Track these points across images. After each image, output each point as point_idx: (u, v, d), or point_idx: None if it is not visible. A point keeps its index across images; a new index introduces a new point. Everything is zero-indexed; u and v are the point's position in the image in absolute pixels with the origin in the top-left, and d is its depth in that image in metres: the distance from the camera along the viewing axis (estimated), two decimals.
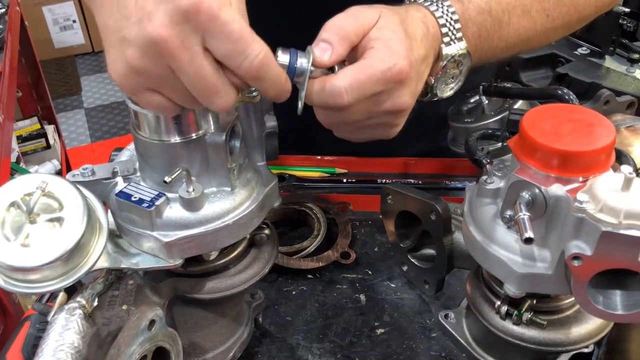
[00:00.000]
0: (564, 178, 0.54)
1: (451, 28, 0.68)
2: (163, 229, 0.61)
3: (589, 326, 0.64)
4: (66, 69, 4.41)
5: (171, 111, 0.57)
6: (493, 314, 0.66)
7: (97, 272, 0.63)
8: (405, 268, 0.90)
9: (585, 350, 0.69)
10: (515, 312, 0.64)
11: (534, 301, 0.64)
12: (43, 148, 2.75)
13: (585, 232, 0.51)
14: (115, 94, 4.15)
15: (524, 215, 0.54)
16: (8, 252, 0.54)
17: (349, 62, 0.62)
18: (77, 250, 0.56)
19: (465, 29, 0.69)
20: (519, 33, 0.74)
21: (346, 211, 1.04)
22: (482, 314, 0.67)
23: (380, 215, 0.89)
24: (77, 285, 0.61)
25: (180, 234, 0.61)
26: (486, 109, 0.86)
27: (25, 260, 0.54)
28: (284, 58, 0.58)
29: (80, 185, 0.60)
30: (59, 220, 0.57)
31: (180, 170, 0.60)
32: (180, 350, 0.63)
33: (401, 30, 0.62)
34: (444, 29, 0.67)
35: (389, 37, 0.61)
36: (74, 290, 0.61)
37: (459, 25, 0.68)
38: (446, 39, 0.67)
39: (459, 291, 0.90)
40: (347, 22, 0.61)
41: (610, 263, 0.51)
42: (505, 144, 0.73)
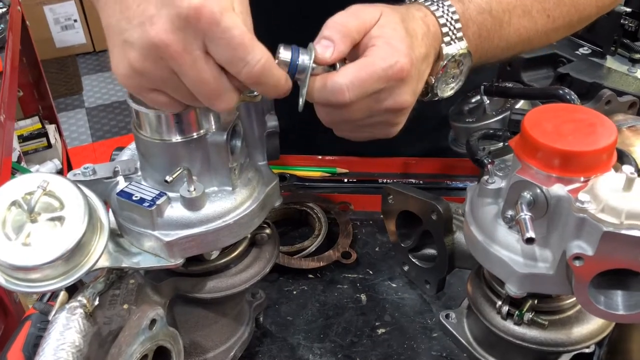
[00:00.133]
0: (565, 178, 0.54)
1: (452, 28, 0.67)
2: (164, 228, 0.61)
3: (590, 326, 0.64)
4: (67, 69, 4.41)
5: (175, 109, 0.57)
6: (494, 314, 0.66)
7: (98, 272, 0.63)
8: (406, 268, 0.90)
9: (587, 350, 0.68)
10: (517, 312, 0.64)
11: (535, 301, 0.64)
12: (44, 147, 2.75)
13: (586, 232, 0.51)
14: (116, 93, 4.15)
15: (525, 215, 0.54)
16: (9, 251, 0.54)
17: (350, 60, 0.62)
18: (78, 250, 0.56)
19: (465, 29, 0.69)
20: (519, 33, 0.74)
21: (347, 211, 1.04)
22: (483, 314, 0.67)
23: (381, 215, 0.89)
24: (78, 285, 0.61)
25: (181, 233, 0.61)
26: (487, 109, 0.86)
27: (26, 259, 0.54)
28: (285, 55, 0.58)
29: (81, 184, 0.60)
30: (60, 219, 0.57)
31: (182, 169, 0.60)
32: (181, 350, 0.63)
33: (402, 28, 0.62)
34: (445, 29, 0.67)
35: (391, 35, 0.61)
36: (75, 289, 0.61)
37: (459, 25, 0.68)
38: (447, 39, 0.67)
39: (460, 291, 0.90)
40: (349, 20, 0.61)
41: (612, 263, 0.51)
42: (506, 144, 0.73)
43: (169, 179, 0.59)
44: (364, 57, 0.61)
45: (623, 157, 0.59)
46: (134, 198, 0.61)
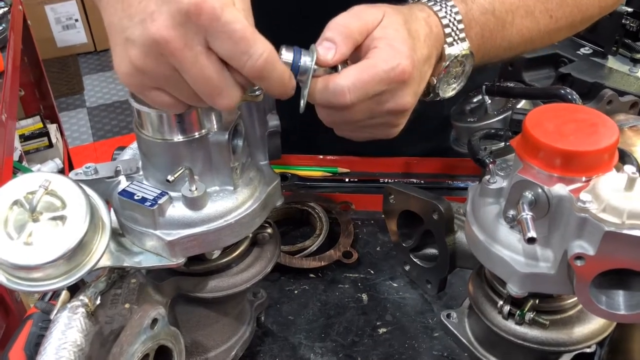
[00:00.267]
0: (566, 178, 0.54)
1: (454, 28, 0.67)
2: (166, 228, 0.61)
3: (591, 326, 0.64)
4: (68, 68, 4.41)
5: (177, 109, 0.57)
6: (495, 314, 0.66)
7: (100, 271, 0.63)
8: (407, 267, 0.90)
9: (588, 350, 0.68)
10: (518, 312, 0.64)
11: (537, 301, 0.64)
12: (45, 147, 2.75)
13: (588, 232, 0.51)
14: (117, 93, 4.15)
15: (526, 214, 0.54)
16: (11, 251, 0.54)
17: (352, 61, 0.62)
18: (80, 249, 0.56)
19: (468, 30, 0.69)
20: (522, 34, 0.74)
21: (348, 211, 1.04)
22: (485, 314, 0.67)
23: (383, 215, 0.89)
24: (80, 284, 0.61)
25: (183, 232, 0.61)
26: (489, 109, 0.86)
27: (28, 258, 0.54)
28: (287, 56, 0.58)
29: (83, 183, 0.60)
30: (62, 218, 0.57)
31: (183, 169, 0.60)
32: (183, 349, 0.63)
33: (404, 29, 0.62)
34: (447, 29, 0.67)
35: (393, 37, 0.61)
36: (76, 288, 0.61)
37: (462, 25, 0.68)
38: (449, 39, 0.67)
39: (461, 291, 0.90)
40: (351, 21, 0.61)
41: (613, 263, 0.51)
42: (508, 144, 0.73)
43: (170, 178, 0.59)
44: (366, 59, 0.61)
45: (625, 157, 0.59)
46: (136, 197, 0.61)
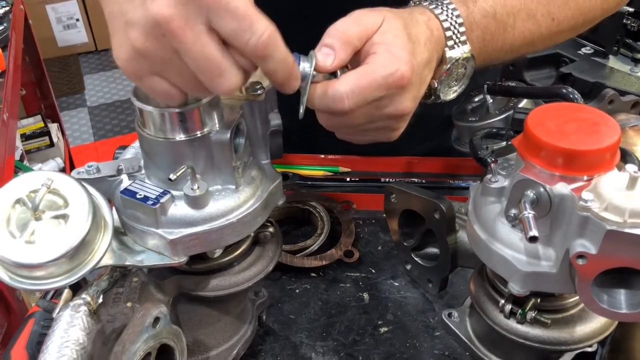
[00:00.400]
0: (568, 177, 0.54)
1: (455, 31, 0.67)
2: (168, 227, 0.61)
3: (593, 325, 0.64)
4: (69, 68, 4.42)
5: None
6: (497, 313, 0.66)
7: (102, 269, 0.63)
8: (408, 267, 0.90)
9: (589, 349, 0.69)
10: (519, 311, 0.64)
11: (538, 300, 0.64)
12: (46, 146, 2.76)
13: (590, 231, 0.51)
14: (118, 92, 4.16)
15: (528, 213, 0.54)
16: (13, 249, 0.55)
17: (352, 66, 0.62)
18: (82, 247, 0.56)
19: (469, 33, 0.68)
20: (523, 36, 0.74)
21: (350, 210, 1.04)
22: (486, 313, 0.67)
23: (384, 214, 0.89)
24: (82, 282, 0.61)
25: (185, 231, 0.61)
26: (491, 108, 0.86)
27: (31, 257, 0.54)
28: None
29: (85, 182, 0.60)
30: (64, 217, 0.57)
31: (185, 168, 0.60)
32: (184, 348, 0.63)
33: (404, 34, 0.62)
34: (448, 33, 0.67)
35: (392, 42, 0.61)
36: (78, 287, 0.61)
37: (463, 28, 0.68)
38: (450, 43, 0.67)
39: (463, 290, 0.90)
40: (350, 27, 0.61)
41: (615, 262, 0.51)
42: (509, 143, 0.73)
43: (172, 177, 0.59)
44: (365, 65, 0.61)
45: (626, 156, 0.59)
46: (138, 196, 0.61)
